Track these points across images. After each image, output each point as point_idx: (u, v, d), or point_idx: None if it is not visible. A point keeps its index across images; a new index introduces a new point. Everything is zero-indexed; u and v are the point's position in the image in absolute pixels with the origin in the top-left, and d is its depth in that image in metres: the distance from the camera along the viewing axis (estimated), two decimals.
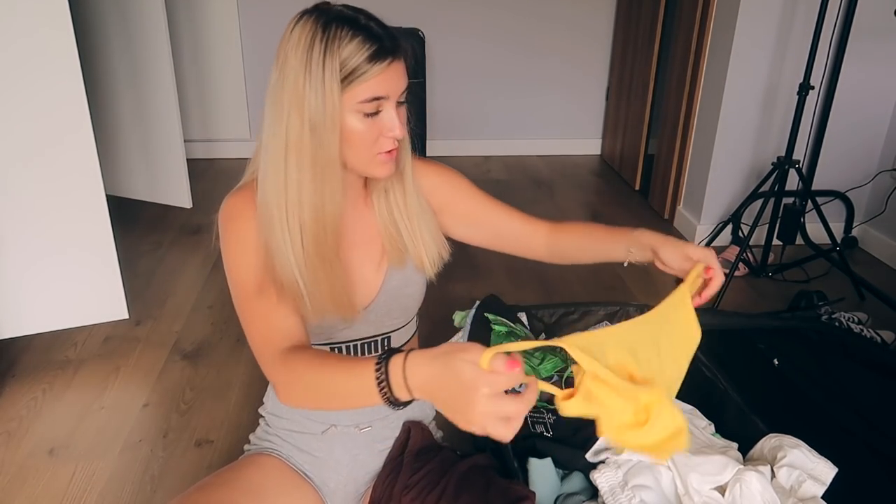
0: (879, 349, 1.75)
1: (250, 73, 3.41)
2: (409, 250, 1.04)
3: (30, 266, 1.82)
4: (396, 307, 1.08)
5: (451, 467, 1.07)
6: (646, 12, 3.11)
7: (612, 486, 1.12)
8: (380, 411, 1.12)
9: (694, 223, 2.68)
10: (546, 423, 1.40)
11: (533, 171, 3.53)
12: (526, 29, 3.48)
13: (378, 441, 1.14)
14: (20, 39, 1.64)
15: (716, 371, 1.44)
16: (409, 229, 1.04)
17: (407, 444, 1.13)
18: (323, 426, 1.11)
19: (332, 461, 1.12)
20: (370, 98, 0.87)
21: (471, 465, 1.08)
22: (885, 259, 2.57)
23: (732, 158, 2.57)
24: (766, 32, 2.38)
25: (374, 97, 0.87)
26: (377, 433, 1.13)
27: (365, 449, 1.13)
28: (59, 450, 1.50)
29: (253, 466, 1.08)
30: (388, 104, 0.90)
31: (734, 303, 2.20)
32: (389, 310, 1.08)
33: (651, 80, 3.08)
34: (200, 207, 2.83)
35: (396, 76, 0.89)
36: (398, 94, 0.90)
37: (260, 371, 0.91)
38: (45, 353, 1.85)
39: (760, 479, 1.10)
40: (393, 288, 1.06)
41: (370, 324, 1.07)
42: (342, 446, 1.11)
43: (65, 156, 1.77)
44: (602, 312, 1.80)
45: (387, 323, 1.09)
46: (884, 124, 2.57)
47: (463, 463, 1.08)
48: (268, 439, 1.15)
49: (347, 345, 1.08)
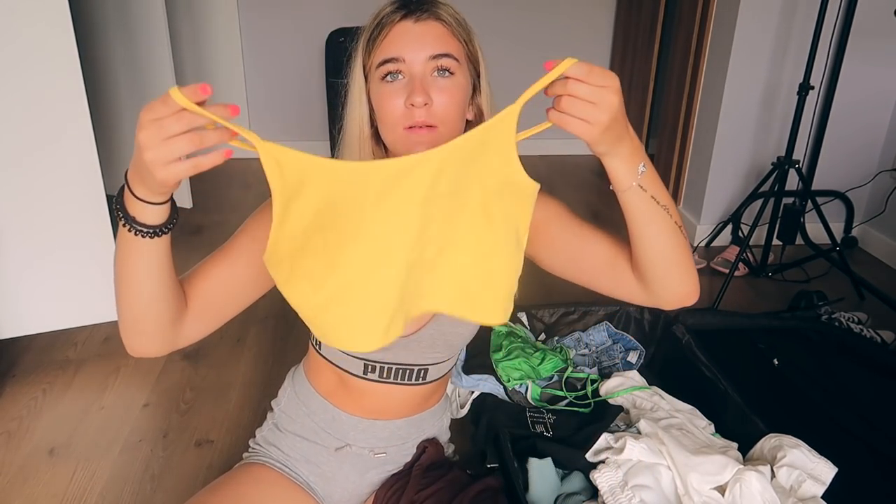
0: (879, 349, 1.75)
1: (250, 73, 3.41)
2: None
3: (30, 266, 1.82)
4: (442, 343, 1.02)
5: (462, 490, 1.04)
6: (646, 12, 3.11)
7: (612, 486, 1.12)
8: (398, 437, 1.10)
9: (694, 223, 2.68)
10: (546, 423, 1.40)
11: (533, 171, 3.50)
12: (526, 28, 3.48)
13: (390, 465, 1.11)
14: (20, 39, 1.64)
15: (716, 371, 1.44)
16: None
17: (418, 458, 1.11)
18: (338, 443, 1.08)
19: (339, 477, 1.09)
20: (384, 59, 0.82)
21: (482, 487, 1.06)
22: (885, 259, 2.57)
23: (732, 158, 2.57)
24: (766, 32, 2.38)
25: (387, 58, 0.81)
26: (391, 458, 1.11)
27: (375, 469, 1.10)
28: (60, 450, 1.50)
29: (251, 480, 1.05)
30: (412, 68, 0.81)
31: (734, 303, 2.20)
32: (434, 343, 1.01)
33: (651, 80, 3.08)
34: (200, 207, 2.83)
35: (416, 36, 0.81)
36: (421, 57, 0.81)
37: (260, 371, 0.91)
38: (45, 353, 1.85)
39: (760, 479, 1.10)
40: (444, 323, 0.99)
41: (411, 352, 1.01)
42: (352, 466, 1.09)
43: (65, 155, 1.77)
44: (602, 312, 1.80)
45: (428, 355, 1.03)
46: (884, 124, 2.57)
47: (474, 486, 1.05)
48: (275, 444, 1.11)
49: (382, 366, 1.02)
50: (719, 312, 1.81)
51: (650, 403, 1.38)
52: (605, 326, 1.75)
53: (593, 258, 0.89)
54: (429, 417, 1.14)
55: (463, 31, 0.86)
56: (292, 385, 1.13)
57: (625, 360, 1.67)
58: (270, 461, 1.09)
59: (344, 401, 1.07)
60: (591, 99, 0.66)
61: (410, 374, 1.04)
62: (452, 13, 0.85)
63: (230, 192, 3.06)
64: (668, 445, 1.17)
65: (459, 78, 0.84)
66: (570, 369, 1.55)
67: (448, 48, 0.83)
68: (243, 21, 3.32)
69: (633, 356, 1.67)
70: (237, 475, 1.06)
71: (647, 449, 1.17)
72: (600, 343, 1.73)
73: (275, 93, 3.46)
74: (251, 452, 1.14)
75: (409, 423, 1.10)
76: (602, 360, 1.69)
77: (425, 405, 1.12)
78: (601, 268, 0.88)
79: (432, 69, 0.82)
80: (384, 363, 1.02)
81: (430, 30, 0.82)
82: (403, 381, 1.05)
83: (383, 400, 1.06)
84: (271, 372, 1.76)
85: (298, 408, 1.10)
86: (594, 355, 1.70)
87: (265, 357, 1.84)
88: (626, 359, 1.67)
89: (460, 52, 0.85)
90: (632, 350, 1.69)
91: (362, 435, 1.07)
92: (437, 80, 0.82)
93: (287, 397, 1.13)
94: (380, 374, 1.03)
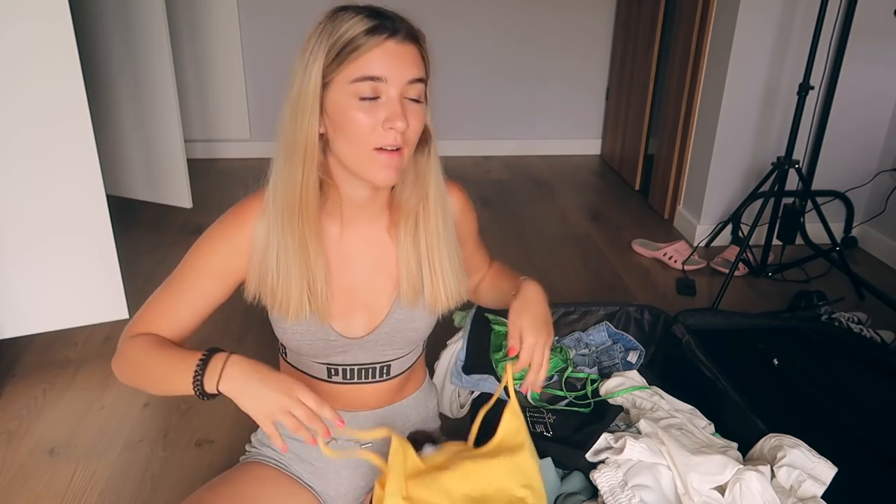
0: (879, 349, 1.75)
1: (250, 72, 3.41)
2: (426, 290, 0.99)
3: (30, 266, 1.82)
4: (399, 339, 1.05)
5: None
6: (646, 12, 3.11)
7: (612, 486, 1.12)
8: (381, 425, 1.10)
9: (694, 223, 2.69)
10: (546, 423, 1.40)
11: (533, 171, 3.53)
12: (526, 29, 3.48)
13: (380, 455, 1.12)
14: (20, 38, 1.64)
15: (716, 371, 1.44)
16: (430, 267, 0.98)
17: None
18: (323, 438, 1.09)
19: (331, 471, 1.10)
20: (364, 76, 0.81)
21: None
22: (885, 259, 2.57)
23: (732, 158, 2.57)
24: (766, 32, 2.38)
25: (368, 76, 0.81)
26: (377, 449, 1.09)
27: (365, 463, 1.09)
28: (60, 450, 1.50)
29: (249, 478, 1.06)
30: (390, 90, 0.82)
31: (734, 303, 2.20)
32: (391, 341, 1.04)
33: (651, 80, 3.08)
34: (200, 207, 2.83)
35: (399, 58, 0.82)
36: (402, 80, 0.83)
37: None
38: (45, 353, 1.85)
39: (760, 479, 1.10)
40: (398, 321, 1.03)
41: (368, 351, 1.04)
42: (343, 461, 1.10)
43: (65, 155, 1.77)
44: (602, 312, 1.80)
45: (387, 352, 1.06)
46: (884, 124, 2.57)
47: None
48: (269, 445, 1.13)
49: (345, 368, 1.06)
50: (719, 312, 1.81)
51: (650, 403, 1.38)
52: (605, 326, 1.75)
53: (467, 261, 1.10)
54: (411, 404, 1.17)
55: (427, 54, 0.88)
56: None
57: (625, 360, 1.67)
58: (267, 459, 1.11)
59: None
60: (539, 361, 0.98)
61: (373, 373, 1.07)
62: (423, 36, 0.87)
63: (230, 193, 3.05)
64: (668, 445, 1.17)
65: (424, 103, 0.87)
66: (570, 369, 1.54)
67: (421, 73, 0.86)
68: (243, 20, 3.32)
69: (633, 356, 1.66)
70: (236, 473, 1.07)
71: (647, 449, 1.17)
72: (600, 343, 1.73)
73: (275, 92, 3.46)
74: (248, 454, 1.15)
75: (391, 412, 1.13)
76: (602, 360, 1.69)
77: (402, 394, 1.15)
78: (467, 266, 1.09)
79: (405, 93, 0.84)
80: (345, 365, 1.06)
81: (410, 52, 0.84)
82: (368, 380, 1.08)
83: (356, 396, 1.10)
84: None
85: None
86: (594, 355, 1.70)
87: (265, 357, 1.82)
88: (626, 359, 1.67)
89: (426, 76, 0.88)
90: (632, 350, 1.69)
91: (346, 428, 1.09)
92: (410, 104, 0.85)
93: None
94: (343, 377, 1.07)
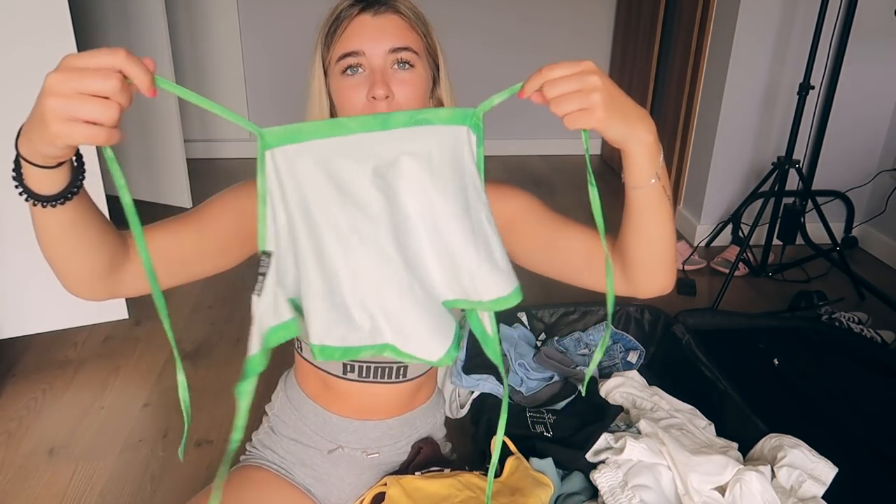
0: (879, 349, 1.75)
1: (250, 72, 3.41)
2: None
3: (30, 266, 1.82)
4: None
5: None
6: (646, 12, 3.11)
7: (612, 486, 1.12)
8: (389, 436, 1.09)
9: (694, 223, 2.68)
10: (546, 423, 1.40)
11: (533, 171, 3.53)
12: (526, 29, 3.48)
13: (385, 465, 1.11)
14: (20, 38, 1.64)
15: (716, 371, 1.44)
16: None
17: (413, 459, 1.11)
18: (330, 445, 1.08)
19: (335, 478, 1.09)
20: (344, 53, 0.81)
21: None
22: (885, 259, 2.57)
23: (732, 158, 2.57)
24: (766, 32, 2.38)
25: (346, 52, 0.81)
26: (384, 458, 1.10)
27: (370, 470, 1.10)
28: (60, 450, 1.50)
29: (250, 483, 1.05)
30: (372, 62, 0.81)
31: (734, 303, 2.20)
32: None
33: (651, 80, 3.08)
34: None
35: (374, 30, 0.81)
36: (380, 51, 0.81)
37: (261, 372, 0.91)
38: (45, 353, 1.85)
39: (760, 479, 1.11)
40: None
41: None
42: (346, 467, 1.09)
43: None
44: (602, 312, 1.80)
45: None
46: (884, 124, 2.57)
47: None
48: (270, 447, 1.11)
49: (361, 364, 1.03)
50: (719, 312, 1.81)
51: (650, 403, 1.38)
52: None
53: (569, 251, 0.87)
54: (420, 415, 1.13)
55: (421, 24, 0.86)
56: (284, 390, 1.14)
57: (625, 360, 1.67)
58: (267, 463, 1.10)
59: (332, 403, 1.07)
60: (572, 89, 0.64)
61: (390, 372, 1.04)
62: (410, 6, 0.85)
63: None
64: (668, 445, 1.17)
65: (419, 70, 0.84)
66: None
67: (407, 41, 0.83)
68: (242, 15, 3.32)
69: (633, 356, 1.67)
70: (235, 478, 1.06)
71: (647, 449, 1.17)
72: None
73: (274, 92, 3.46)
74: (248, 455, 1.14)
75: (400, 422, 1.10)
76: (602, 360, 1.69)
77: (413, 403, 1.12)
78: (578, 260, 0.86)
79: (392, 62, 0.82)
80: (362, 362, 1.02)
81: (389, 23, 0.82)
82: (384, 380, 1.05)
83: (369, 400, 1.06)
84: (271, 372, 1.74)
85: (291, 412, 1.11)
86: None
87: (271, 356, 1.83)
88: (626, 359, 1.67)
89: (419, 45, 0.85)
90: (632, 350, 1.69)
91: (353, 436, 1.07)
92: (397, 72, 0.82)
93: (280, 402, 1.14)
94: (359, 374, 1.03)
